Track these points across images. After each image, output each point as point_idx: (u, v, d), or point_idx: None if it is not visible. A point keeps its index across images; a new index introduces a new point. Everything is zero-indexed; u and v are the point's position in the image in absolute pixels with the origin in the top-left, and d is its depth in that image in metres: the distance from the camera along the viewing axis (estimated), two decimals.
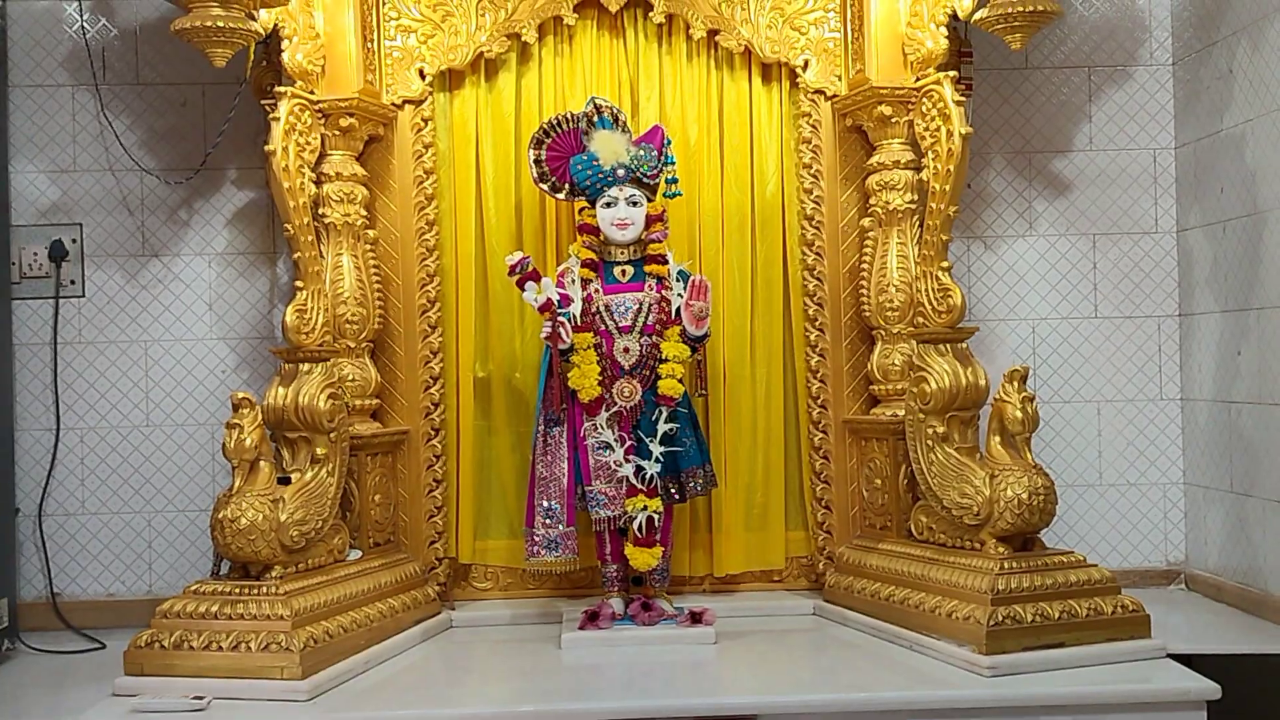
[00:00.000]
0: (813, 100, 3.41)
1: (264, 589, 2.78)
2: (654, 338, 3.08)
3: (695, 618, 3.09)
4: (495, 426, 3.43)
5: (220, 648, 2.70)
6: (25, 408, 3.47)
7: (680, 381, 3.08)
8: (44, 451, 3.47)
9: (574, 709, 2.62)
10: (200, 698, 2.60)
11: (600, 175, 3.08)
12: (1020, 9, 2.86)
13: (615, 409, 3.05)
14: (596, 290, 3.09)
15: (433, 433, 3.39)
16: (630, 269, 3.12)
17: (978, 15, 2.98)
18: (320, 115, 3.19)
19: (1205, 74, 3.46)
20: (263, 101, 3.19)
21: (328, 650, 2.77)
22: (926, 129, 3.20)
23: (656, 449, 3.05)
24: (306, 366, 3.01)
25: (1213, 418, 3.47)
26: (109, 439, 3.51)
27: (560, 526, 3.08)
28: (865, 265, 3.36)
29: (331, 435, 2.98)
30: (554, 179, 3.16)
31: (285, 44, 3.11)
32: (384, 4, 3.35)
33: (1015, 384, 2.99)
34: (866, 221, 3.37)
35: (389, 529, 3.32)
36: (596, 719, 2.60)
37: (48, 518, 3.48)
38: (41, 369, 3.47)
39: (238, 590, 2.79)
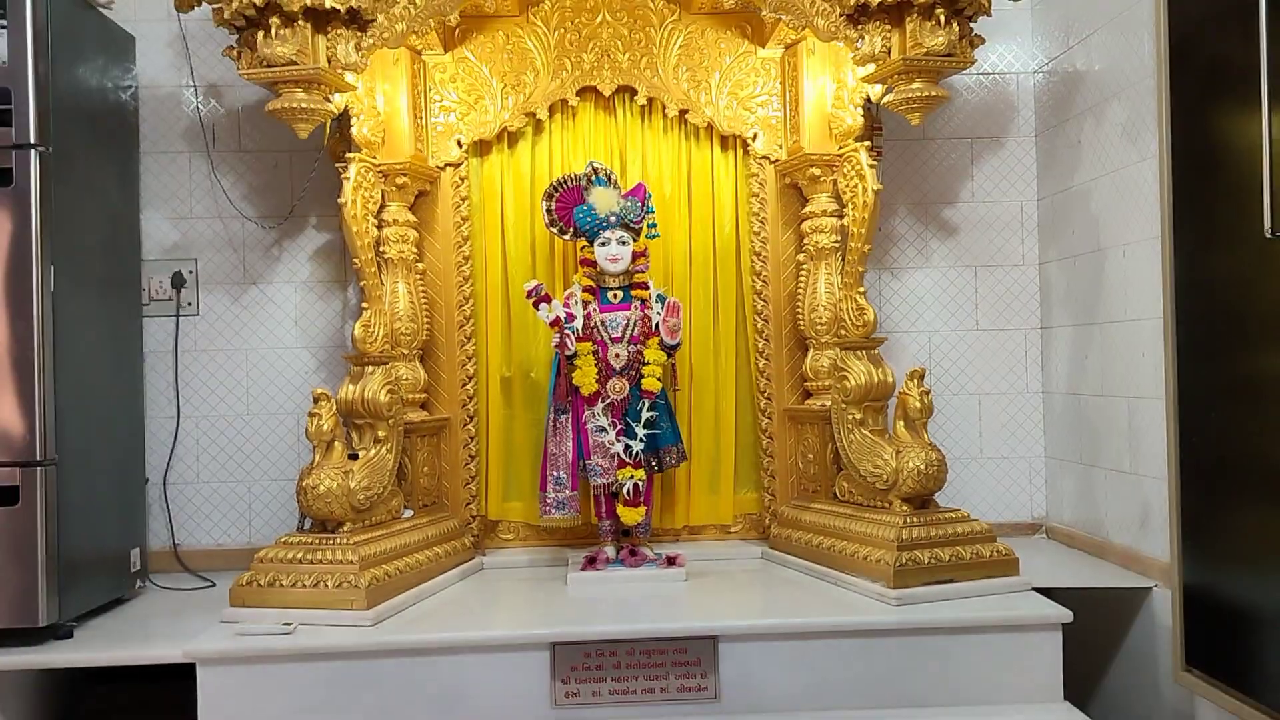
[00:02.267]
0: (760, 164, 3.42)
1: (338, 540, 2.78)
2: (638, 346, 3.08)
3: (670, 561, 3.09)
4: (516, 414, 3.43)
5: (304, 585, 2.71)
6: (153, 401, 3.46)
7: (659, 380, 3.08)
8: (168, 435, 3.46)
9: (578, 630, 2.62)
10: (288, 624, 2.61)
11: (597, 221, 3.09)
12: (919, 95, 2.87)
13: (609, 401, 3.06)
14: (594, 310, 3.09)
15: (468, 419, 3.38)
16: (620, 293, 3.12)
17: (886, 99, 2.99)
18: (381, 175, 3.19)
19: (1060, 143, 3.48)
20: (336, 164, 3.18)
21: (387, 587, 2.77)
22: (847, 186, 3.21)
23: (640, 431, 3.05)
24: (370, 369, 3.01)
25: (1066, 406, 3.48)
26: (218, 425, 3.50)
27: (567, 491, 3.08)
28: (800, 290, 3.36)
29: (390, 422, 2.98)
30: (561, 224, 3.16)
31: (354, 120, 3.11)
32: (430, 90, 3.35)
33: (915, 381, 3.00)
34: (801, 256, 3.38)
35: (434, 493, 3.31)
36: (595, 639, 2.60)
37: (171, 486, 3.47)
38: (166, 371, 3.47)
39: (317, 541, 2.79)
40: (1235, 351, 2.50)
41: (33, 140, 2.68)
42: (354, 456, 2.93)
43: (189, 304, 3.48)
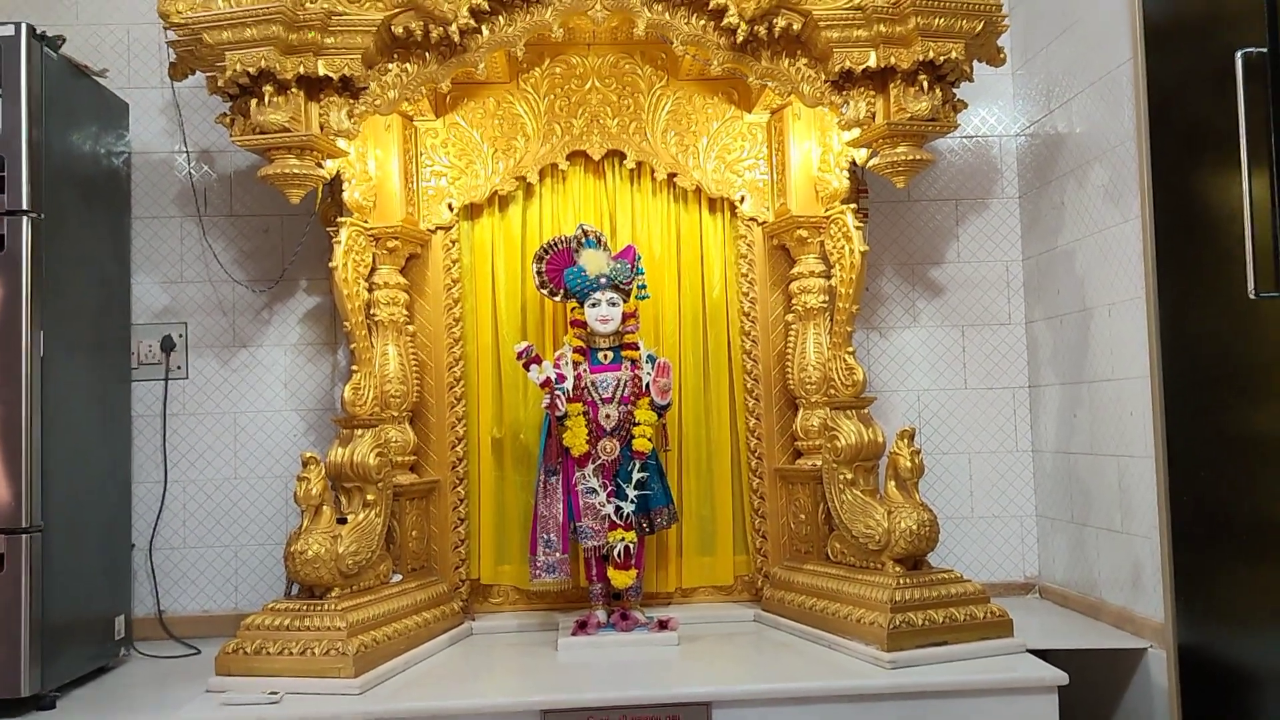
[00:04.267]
0: (748, 226, 3.45)
1: (326, 606, 2.74)
2: (629, 407, 3.07)
3: (663, 625, 3.05)
4: (507, 475, 3.40)
5: (291, 653, 2.66)
6: (140, 465, 3.43)
7: (649, 440, 3.06)
8: (155, 499, 3.42)
9: (568, 698, 2.57)
10: (275, 693, 2.56)
11: (587, 283, 3.09)
12: (903, 159, 2.90)
13: (599, 462, 3.04)
14: (585, 370, 3.09)
15: (458, 481, 3.36)
16: (610, 354, 3.12)
17: (872, 163, 3.03)
18: (372, 238, 3.20)
19: (1043, 205, 3.52)
20: (327, 228, 3.20)
21: (375, 654, 2.73)
22: (834, 247, 3.24)
23: (631, 493, 3.03)
24: (360, 432, 3.00)
25: (1056, 465, 3.48)
26: (205, 489, 3.47)
27: (557, 554, 3.05)
28: (790, 350, 3.37)
29: (379, 485, 2.96)
30: (551, 285, 3.17)
31: (345, 185, 3.13)
32: (421, 154, 3.38)
33: (905, 441, 3.00)
34: (790, 317, 3.39)
35: (423, 557, 3.28)
36: (586, 706, 2.55)
37: (157, 551, 3.42)
38: (154, 435, 3.44)
39: (305, 608, 2.75)
40: (1223, 410, 2.51)
41: (25, 207, 2.69)
42: (343, 521, 2.90)
43: (178, 367, 3.47)
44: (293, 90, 2.74)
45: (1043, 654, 2.81)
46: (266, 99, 2.72)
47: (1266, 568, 2.36)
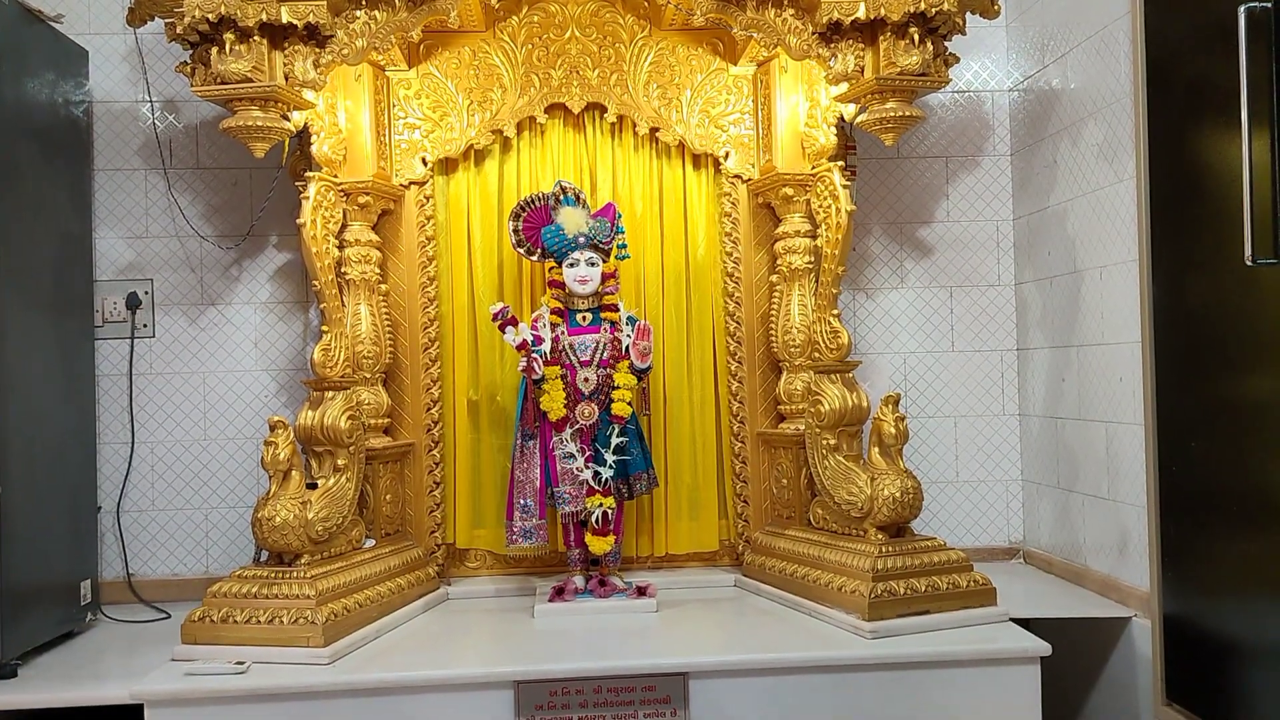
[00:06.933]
0: (732, 183, 3.35)
1: (294, 574, 2.68)
2: (608, 370, 3.00)
3: (641, 591, 3.01)
4: (483, 438, 3.33)
5: (259, 621, 2.60)
6: (106, 426, 3.35)
7: (629, 404, 3.00)
8: (122, 461, 3.34)
9: (542, 668, 2.52)
10: (241, 663, 2.50)
11: (565, 241, 3.01)
12: (893, 115, 2.81)
13: (577, 426, 2.97)
14: (562, 332, 3.01)
15: (433, 444, 3.29)
16: (589, 315, 3.04)
17: (860, 118, 2.94)
18: (343, 194, 3.10)
19: (1036, 163, 3.43)
20: (296, 183, 3.10)
21: (346, 622, 2.67)
22: (820, 206, 3.16)
23: (610, 458, 2.97)
24: (331, 394, 2.93)
25: (1043, 430, 3.43)
26: (174, 450, 3.39)
27: (534, 520, 2.99)
28: (774, 312, 3.30)
29: (350, 449, 2.89)
30: (529, 244, 3.08)
31: (314, 138, 3.02)
32: (394, 106, 3.26)
33: (890, 406, 2.93)
34: (774, 278, 3.31)
35: (397, 522, 3.21)
36: (560, 676, 2.50)
37: (125, 513, 3.35)
38: (120, 395, 3.35)
39: (273, 575, 2.69)
40: (1216, 379, 2.45)
41: None
42: (312, 485, 2.83)
43: (144, 325, 3.37)
44: (255, 38, 2.63)
45: (1026, 623, 2.78)
46: (227, 47, 2.61)
47: (1254, 539, 2.31)
